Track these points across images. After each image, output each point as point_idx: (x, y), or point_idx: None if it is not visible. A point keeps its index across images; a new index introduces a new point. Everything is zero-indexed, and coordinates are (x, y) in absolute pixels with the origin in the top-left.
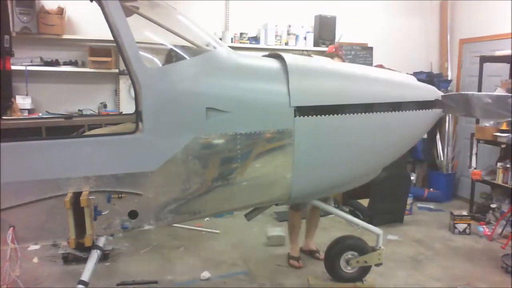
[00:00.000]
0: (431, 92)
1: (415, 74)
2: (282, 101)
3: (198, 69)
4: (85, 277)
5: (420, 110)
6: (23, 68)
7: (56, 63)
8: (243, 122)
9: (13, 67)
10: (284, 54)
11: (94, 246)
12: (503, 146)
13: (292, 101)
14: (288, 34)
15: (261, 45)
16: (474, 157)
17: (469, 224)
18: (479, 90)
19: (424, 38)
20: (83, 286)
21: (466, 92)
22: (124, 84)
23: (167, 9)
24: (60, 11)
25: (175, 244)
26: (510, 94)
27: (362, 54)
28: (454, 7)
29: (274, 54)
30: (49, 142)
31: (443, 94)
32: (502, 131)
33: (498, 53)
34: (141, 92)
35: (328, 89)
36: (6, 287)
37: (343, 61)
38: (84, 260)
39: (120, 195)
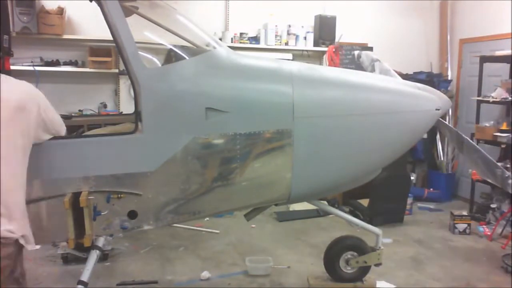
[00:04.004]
0: (432, 102)
1: (415, 74)
2: (281, 101)
3: (197, 69)
4: (84, 277)
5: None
6: (23, 68)
7: (56, 63)
8: (242, 122)
9: (12, 67)
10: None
11: (93, 246)
12: (503, 146)
13: (296, 112)
14: (288, 34)
15: (261, 45)
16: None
17: (469, 224)
18: (479, 90)
19: (424, 38)
20: (82, 286)
21: (462, 135)
22: (124, 84)
23: (167, 9)
24: (60, 11)
25: (175, 244)
26: (497, 163)
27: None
28: (454, 7)
29: None
30: (49, 142)
31: (440, 120)
32: (502, 131)
33: (498, 53)
34: (140, 92)
35: (331, 100)
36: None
37: None
38: (83, 260)
39: (119, 195)
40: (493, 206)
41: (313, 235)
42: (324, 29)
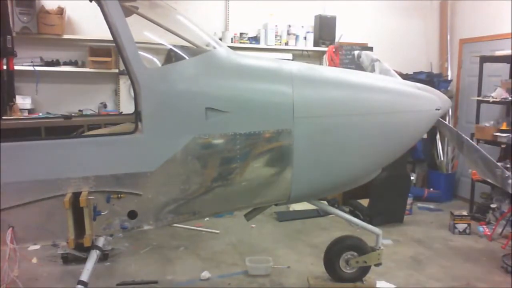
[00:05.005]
0: (432, 102)
1: (415, 74)
2: (281, 101)
3: (197, 69)
4: (84, 277)
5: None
6: (23, 68)
7: (56, 63)
8: (242, 122)
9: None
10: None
11: (93, 246)
12: (503, 146)
13: (296, 112)
14: (288, 34)
15: (261, 45)
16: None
17: (469, 224)
18: (479, 90)
19: (424, 38)
20: (82, 286)
21: (462, 135)
22: (124, 84)
23: (167, 9)
24: (60, 11)
25: (175, 244)
26: (497, 163)
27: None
28: (454, 7)
29: None
30: (49, 142)
31: (440, 120)
32: (502, 131)
33: (498, 53)
34: (140, 92)
35: (331, 100)
36: (5, 287)
37: None
38: (83, 260)
39: (119, 195)
40: (493, 206)
41: (313, 235)
42: (324, 29)
